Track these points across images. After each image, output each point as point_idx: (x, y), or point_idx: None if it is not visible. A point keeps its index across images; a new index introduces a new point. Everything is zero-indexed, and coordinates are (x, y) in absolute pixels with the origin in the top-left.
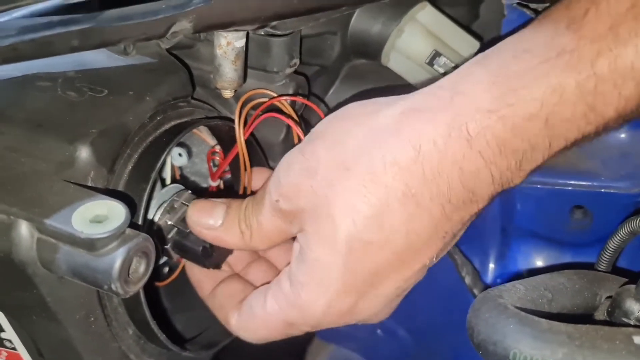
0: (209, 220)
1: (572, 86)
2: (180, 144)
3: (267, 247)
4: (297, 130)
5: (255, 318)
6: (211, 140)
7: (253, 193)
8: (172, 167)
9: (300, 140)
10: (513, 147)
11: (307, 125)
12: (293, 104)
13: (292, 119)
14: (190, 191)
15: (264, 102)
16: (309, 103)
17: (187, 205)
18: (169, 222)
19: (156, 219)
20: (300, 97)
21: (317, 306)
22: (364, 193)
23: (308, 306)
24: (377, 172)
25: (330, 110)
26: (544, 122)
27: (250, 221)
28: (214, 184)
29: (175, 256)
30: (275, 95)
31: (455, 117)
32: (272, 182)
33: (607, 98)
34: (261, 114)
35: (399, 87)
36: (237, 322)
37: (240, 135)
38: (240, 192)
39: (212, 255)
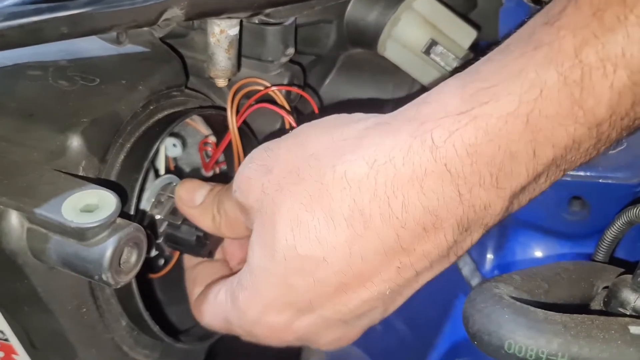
0: (190, 198)
1: (553, 78)
2: (175, 135)
3: (234, 236)
4: (289, 119)
5: (206, 303)
6: (206, 131)
7: None
8: (167, 157)
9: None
10: (487, 156)
11: (300, 116)
12: (288, 95)
13: (285, 109)
14: (175, 184)
15: (257, 91)
16: (303, 93)
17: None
18: (159, 216)
19: (149, 210)
20: (295, 88)
21: (250, 312)
22: (309, 203)
23: (243, 310)
24: (325, 183)
25: (322, 103)
26: (524, 123)
27: (220, 207)
28: (207, 174)
29: (167, 250)
30: (268, 85)
31: (419, 127)
32: (236, 173)
33: (597, 90)
34: (254, 104)
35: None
36: (195, 300)
37: (233, 124)
38: None
39: (206, 244)
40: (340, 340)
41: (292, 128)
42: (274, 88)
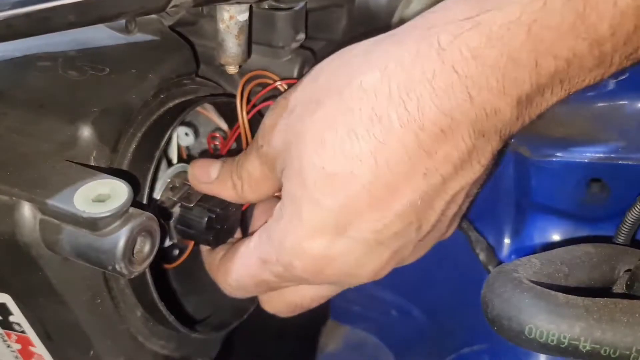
0: (206, 173)
1: None
2: (187, 123)
3: (258, 198)
4: None
5: (234, 256)
6: (218, 119)
7: None
8: (179, 146)
9: None
10: (491, 60)
11: None
12: None
13: None
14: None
15: (266, 83)
16: None
17: (189, 185)
18: (172, 198)
19: (162, 196)
20: None
21: (287, 240)
22: (331, 122)
23: (280, 240)
24: (344, 98)
25: None
26: (526, 32)
27: (241, 172)
28: None
29: (179, 239)
30: (277, 78)
31: (426, 32)
32: (259, 130)
33: (601, 8)
34: (260, 101)
35: None
36: (219, 263)
37: (243, 116)
38: None
39: (216, 229)
40: (382, 269)
41: None
42: (279, 83)
